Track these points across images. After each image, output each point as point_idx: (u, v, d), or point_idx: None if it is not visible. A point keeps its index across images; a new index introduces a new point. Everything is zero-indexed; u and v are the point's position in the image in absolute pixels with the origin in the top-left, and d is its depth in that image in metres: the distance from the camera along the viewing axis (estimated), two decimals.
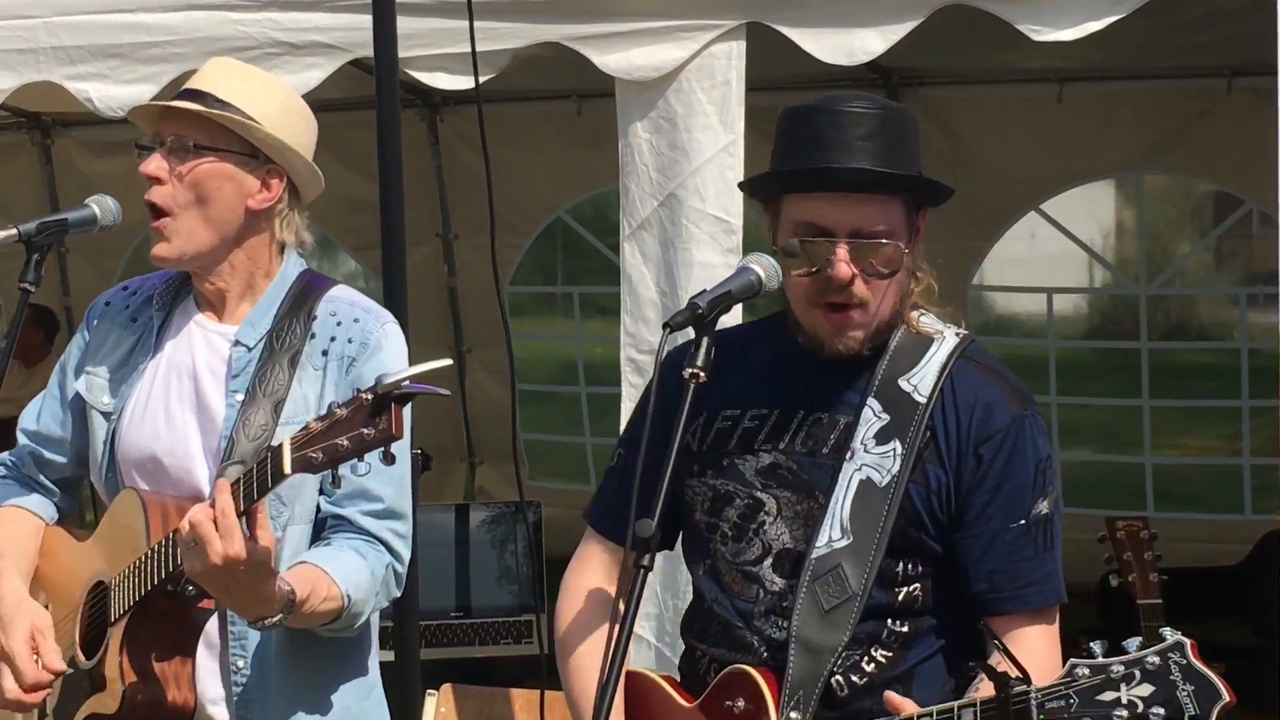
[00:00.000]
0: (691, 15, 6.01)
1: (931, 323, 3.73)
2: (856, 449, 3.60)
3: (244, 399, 3.92)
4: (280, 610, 3.62)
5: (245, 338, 4.00)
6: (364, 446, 3.31)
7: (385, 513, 3.94)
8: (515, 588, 7.46)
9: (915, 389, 3.62)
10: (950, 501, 3.58)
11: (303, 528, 3.94)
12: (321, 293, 4.05)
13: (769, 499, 3.66)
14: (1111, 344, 13.04)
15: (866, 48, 5.89)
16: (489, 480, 12.11)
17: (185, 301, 4.13)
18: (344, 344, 3.94)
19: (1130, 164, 10.58)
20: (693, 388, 3.30)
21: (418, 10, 6.02)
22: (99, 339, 4.19)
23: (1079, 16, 5.64)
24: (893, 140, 3.57)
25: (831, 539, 3.57)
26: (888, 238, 3.54)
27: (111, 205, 4.16)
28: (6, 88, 6.68)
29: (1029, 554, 3.56)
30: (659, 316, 6.08)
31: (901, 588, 3.59)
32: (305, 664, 3.99)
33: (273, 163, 3.97)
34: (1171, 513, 11.00)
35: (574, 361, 12.46)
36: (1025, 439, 3.59)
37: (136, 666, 3.81)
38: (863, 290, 3.55)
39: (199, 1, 6.44)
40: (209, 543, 3.45)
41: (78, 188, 10.70)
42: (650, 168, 6.11)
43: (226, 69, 4.06)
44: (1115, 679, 3.05)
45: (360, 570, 3.85)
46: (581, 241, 12.16)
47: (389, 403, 3.28)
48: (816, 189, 3.57)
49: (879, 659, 3.58)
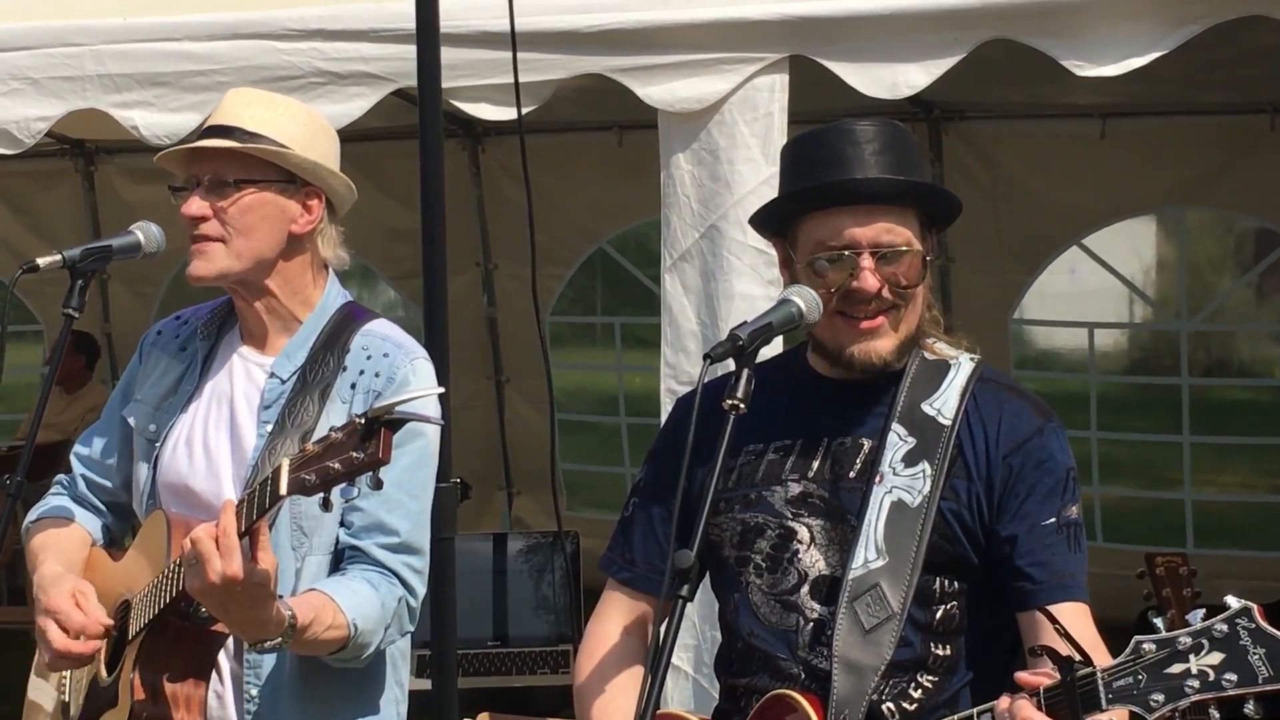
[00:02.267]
0: (735, 48, 6.02)
1: (945, 348, 3.75)
2: (885, 472, 3.61)
3: (273, 429, 3.94)
4: (280, 634, 3.63)
5: (280, 369, 4.03)
6: (353, 470, 3.33)
7: (401, 546, 3.95)
8: (552, 617, 7.45)
9: (939, 412, 3.64)
10: (983, 510, 3.59)
11: (321, 558, 3.95)
12: (358, 326, 4.07)
13: (801, 527, 3.66)
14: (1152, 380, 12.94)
15: (909, 81, 5.90)
16: (527, 510, 12.10)
17: (231, 332, 4.16)
18: (371, 378, 3.96)
19: (1172, 199, 10.54)
20: (732, 418, 3.31)
21: (462, 41, 6.04)
22: (150, 367, 4.23)
23: (1123, 52, 5.64)
24: (902, 155, 3.62)
25: (868, 559, 3.57)
26: (909, 247, 3.57)
27: (156, 232, 4.18)
28: (53, 115, 6.71)
29: (1063, 550, 3.56)
30: (699, 348, 6.08)
31: (939, 605, 3.60)
32: (319, 695, 4.01)
33: (309, 184, 4.00)
34: (1211, 549, 10.93)
35: (614, 392, 12.44)
36: (1053, 445, 3.62)
37: (148, 685, 3.82)
38: (890, 298, 3.58)
39: (244, 30, 6.47)
40: (208, 560, 3.46)
41: (120, 214, 10.75)
42: (692, 199, 6.12)
43: (246, 99, 4.09)
44: (1183, 650, 3.01)
45: (370, 600, 3.86)
46: (622, 272, 12.15)
47: (380, 427, 3.29)
48: (837, 204, 3.59)
49: (925, 684, 3.58)
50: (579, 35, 6.15)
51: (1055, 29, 5.70)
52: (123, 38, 6.60)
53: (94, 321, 12.09)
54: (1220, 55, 7.29)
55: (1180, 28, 5.58)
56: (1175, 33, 5.58)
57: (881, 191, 3.57)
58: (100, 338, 12.27)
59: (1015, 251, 9.95)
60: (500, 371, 11.86)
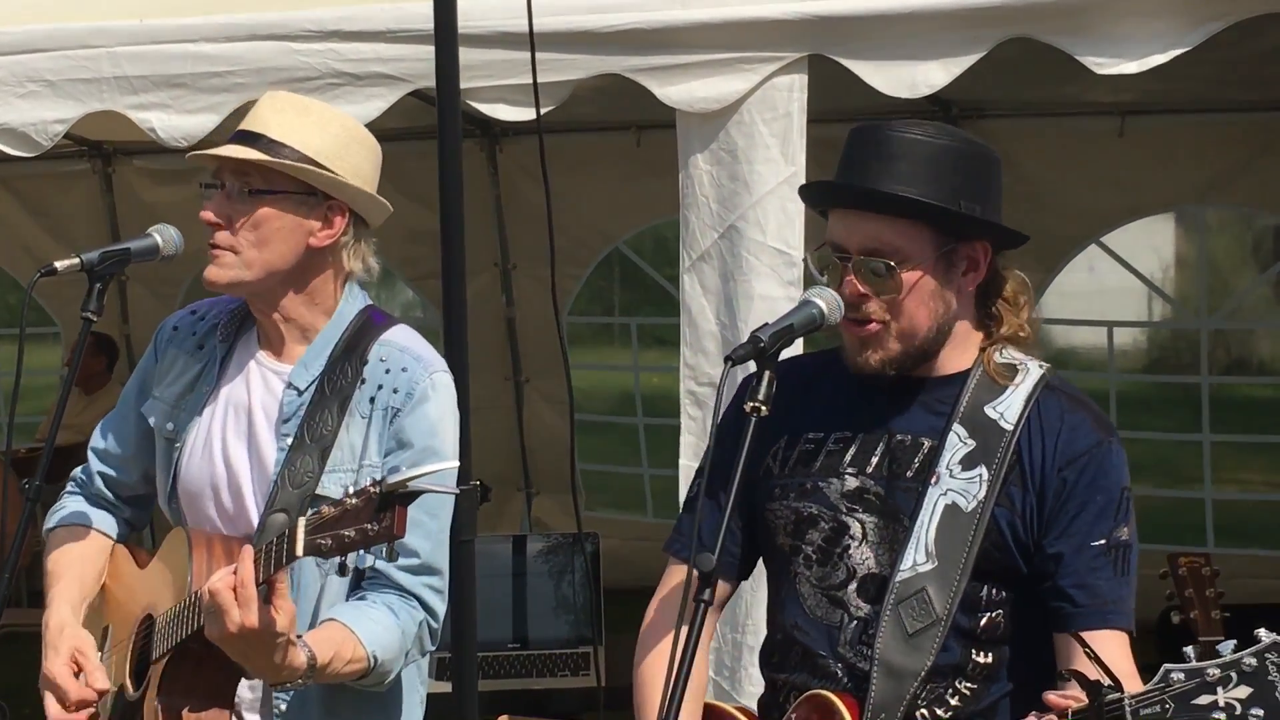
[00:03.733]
0: (753, 47, 6.01)
1: (1013, 355, 3.73)
2: (942, 474, 3.61)
3: (293, 443, 3.92)
4: (302, 676, 3.64)
5: (298, 380, 4.00)
6: (367, 541, 3.33)
7: (421, 568, 3.94)
8: (572, 619, 7.42)
9: (1002, 416, 3.63)
10: (1034, 522, 3.58)
11: (344, 579, 3.94)
12: (377, 334, 4.04)
13: (854, 523, 3.66)
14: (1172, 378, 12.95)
15: (929, 80, 5.88)
16: (546, 511, 12.09)
17: (248, 335, 4.13)
18: (389, 394, 3.93)
19: (1191, 197, 10.52)
20: (753, 422, 3.31)
21: (480, 41, 6.03)
22: (166, 364, 4.20)
23: (1143, 49, 5.62)
24: (930, 169, 3.59)
25: (916, 562, 3.57)
26: (898, 259, 3.55)
27: (174, 235, 4.16)
28: (70, 117, 6.71)
29: (1108, 574, 3.55)
30: (718, 349, 6.07)
31: (984, 613, 3.59)
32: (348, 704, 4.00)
33: (334, 198, 3.97)
34: (1232, 548, 10.91)
35: (631, 392, 12.44)
36: (1110, 463, 3.60)
37: (170, 711, 3.82)
38: (878, 310, 3.57)
39: (261, 32, 6.46)
40: (227, 612, 3.47)
41: (138, 216, 10.77)
42: (711, 199, 6.11)
43: (279, 104, 4.04)
44: (1211, 682, 3.02)
45: (390, 630, 3.85)
46: (639, 272, 12.14)
47: (394, 501, 3.29)
48: (831, 205, 3.66)
49: (964, 691, 3.58)
50: (597, 35, 6.14)
51: (1075, 27, 5.68)
52: (140, 39, 6.59)
53: (113, 323, 12.10)
54: (1239, 53, 7.27)
55: (1201, 25, 5.56)
56: (1196, 30, 5.56)
57: (875, 200, 3.58)
58: (119, 339, 12.27)
59: (1033, 249, 9.85)
60: (519, 372, 11.85)
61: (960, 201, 3.61)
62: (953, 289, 3.66)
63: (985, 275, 3.72)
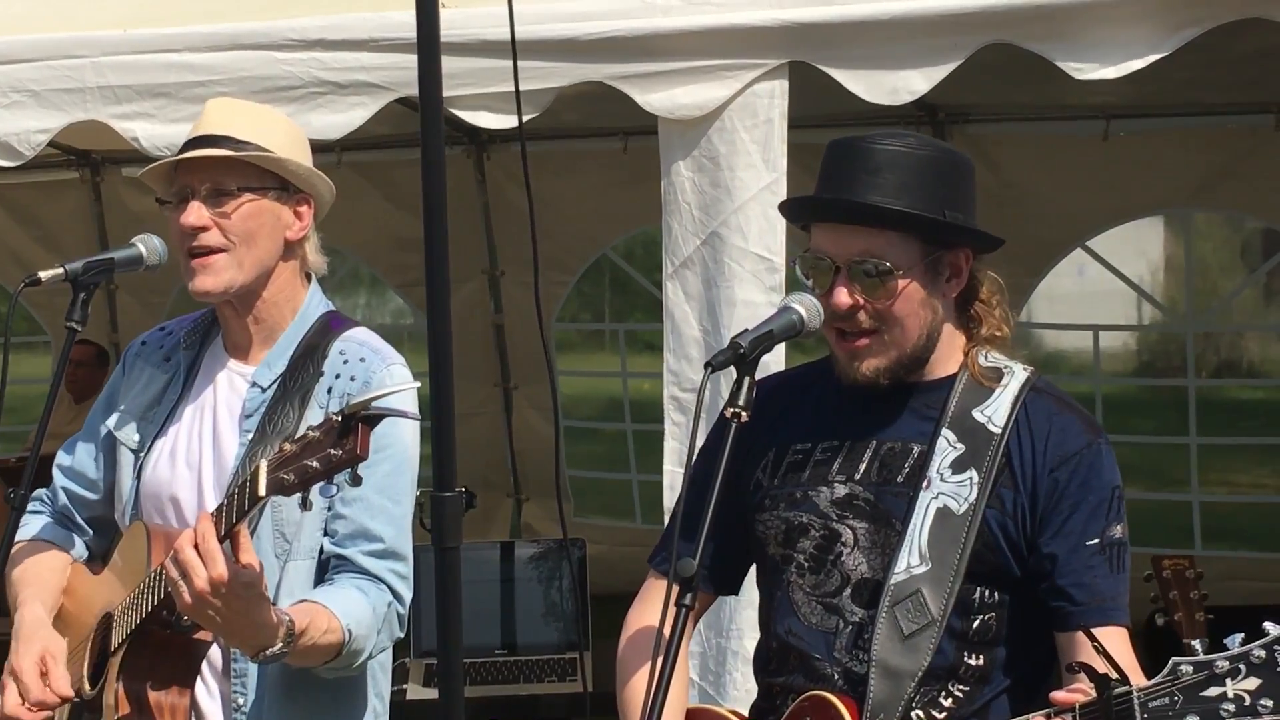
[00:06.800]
0: (734, 54, 6.01)
1: (997, 359, 3.76)
2: (933, 478, 3.62)
3: (254, 437, 3.95)
4: (281, 640, 3.62)
5: (260, 379, 4.05)
6: (331, 467, 3.32)
7: (385, 553, 3.96)
8: (560, 625, 7.43)
9: (990, 420, 3.66)
10: (1026, 522, 3.60)
11: (305, 564, 3.96)
12: (337, 334, 4.09)
13: (846, 530, 3.68)
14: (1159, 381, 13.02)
15: (910, 87, 5.89)
16: (534, 517, 12.10)
17: (214, 342, 4.17)
18: (346, 381, 3.98)
19: (1178, 201, 10.53)
20: (734, 428, 3.33)
21: (463, 50, 6.03)
22: (134, 378, 4.24)
23: (1122, 55, 5.62)
24: (912, 178, 3.60)
25: (910, 565, 3.59)
26: (885, 268, 3.57)
27: (158, 245, 4.19)
28: (54, 127, 6.71)
29: (1104, 571, 3.58)
30: (702, 355, 6.08)
31: (977, 616, 3.61)
32: (300, 706, 4.01)
33: (300, 191, 4.03)
34: (1219, 551, 10.94)
35: (620, 398, 12.46)
36: (1101, 464, 3.63)
37: (132, 696, 3.83)
38: (867, 320, 3.59)
39: (244, 41, 6.47)
40: (192, 569, 3.46)
41: (127, 225, 10.76)
42: (693, 206, 6.12)
43: (230, 110, 4.11)
44: (1220, 674, 3.03)
45: (361, 606, 3.87)
46: (627, 278, 12.17)
47: (357, 424, 3.29)
48: (817, 219, 3.67)
49: (956, 693, 3.60)
50: (579, 43, 6.14)
51: (1053, 33, 5.68)
52: (123, 49, 6.59)
53: (101, 332, 12.09)
54: (1224, 56, 7.29)
55: (1178, 31, 5.56)
56: (1173, 36, 5.56)
57: (865, 214, 3.59)
58: (108, 348, 12.27)
59: (1020, 254, 9.93)
60: (508, 379, 11.86)
61: (945, 210, 3.63)
62: (938, 296, 3.69)
63: (965, 281, 3.74)
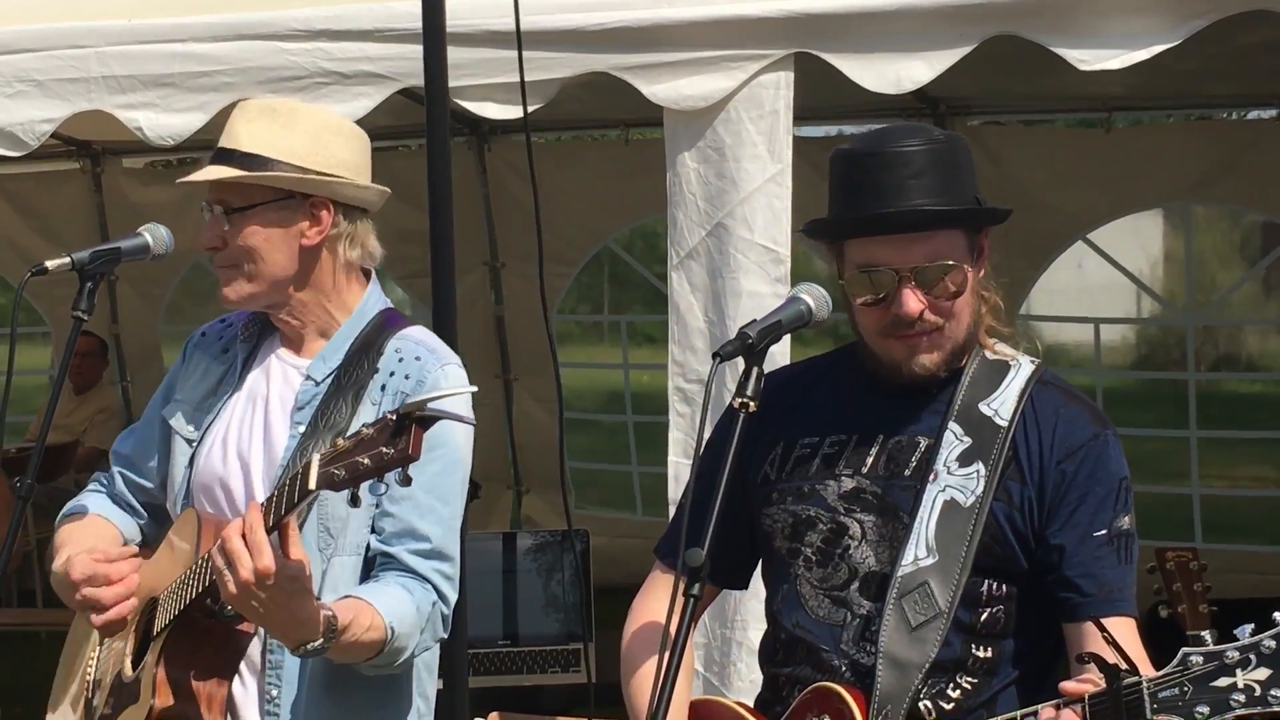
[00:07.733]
0: (739, 45, 6.02)
1: (1005, 349, 3.76)
2: (939, 471, 3.61)
3: (306, 430, 3.93)
4: (322, 634, 3.59)
5: (315, 372, 4.02)
6: (383, 465, 3.30)
7: (432, 553, 3.93)
8: (562, 616, 7.44)
9: (996, 413, 3.64)
10: (1034, 514, 3.59)
11: (350, 560, 3.93)
12: (393, 331, 4.06)
13: (853, 523, 3.66)
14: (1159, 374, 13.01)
15: (913, 76, 5.89)
16: (536, 509, 12.11)
17: (271, 335, 4.16)
18: (401, 380, 3.95)
19: (1178, 194, 10.54)
20: (742, 417, 3.32)
21: (467, 40, 6.03)
22: (192, 368, 4.23)
23: (1126, 46, 5.62)
24: (944, 172, 3.58)
25: (918, 557, 3.58)
26: (950, 266, 3.56)
27: (164, 235, 4.17)
28: (58, 117, 6.71)
29: (1112, 562, 3.56)
30: (707, 346, 6.08)
31: (985, 608, 3.60)
32: (342, 704, 3.98)
33: (313, 195, 3.99)
34: (1220, 544, 10.94)
35: (621, 390, 12.46)
36: (1108, 454, 3.62)
37: (171, 681, 3.80)
38: (933, 318, 3.58)
39: (249, 31, 6.47)
40: (239, 558, 3.44)
41: (127, 216, 10.78)
42: (698, 197, 6.11)
43: (249, 114, 4.04)
44: (1230, 664, 3.01)
45: (405, 604, 3.84)
46: (628, 270, 12.17)
47: (411, 424, 3.29)
48: (875, 233, 3.58)
49: (964, 685, 3.58)
50: (584, 34, 6.14)
51: (1059, 24, 5.69)
52: (127, 39, 6.59)
53: (102, 323, 12.09)
54: (1226, 49, 7.29)
55: (1185, 22, 5.57)
56: (1180, 27, 5.57)
57: (914, 221, 3.55)
58: (108, 339, 12.28)
59: (1021, 247, 9.94)
60: (509, 370, 11.86)
61: (975, 197, 3.64)
62: (977, 282, 3.68)
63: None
